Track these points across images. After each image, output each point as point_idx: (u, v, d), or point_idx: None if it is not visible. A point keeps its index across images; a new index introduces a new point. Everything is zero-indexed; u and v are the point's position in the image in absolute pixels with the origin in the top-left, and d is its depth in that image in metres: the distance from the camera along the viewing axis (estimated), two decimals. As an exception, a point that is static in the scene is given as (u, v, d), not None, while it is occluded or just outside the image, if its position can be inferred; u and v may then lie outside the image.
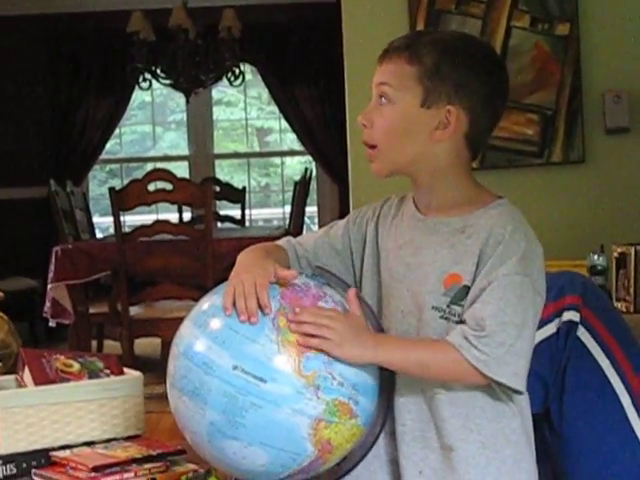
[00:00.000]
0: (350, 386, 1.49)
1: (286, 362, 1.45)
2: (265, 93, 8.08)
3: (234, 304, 1.47)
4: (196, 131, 8.14)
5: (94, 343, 5.47)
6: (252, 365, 1.44)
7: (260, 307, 1.47)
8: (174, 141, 8.46)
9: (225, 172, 8.20)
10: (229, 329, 1.47)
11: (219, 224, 6.44)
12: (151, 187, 4.51)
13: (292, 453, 1.47)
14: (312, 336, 1.45)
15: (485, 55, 1.63)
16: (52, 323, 4.96)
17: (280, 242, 1.72)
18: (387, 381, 1.56)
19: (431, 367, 1.50)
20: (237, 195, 6.95)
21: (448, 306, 1.54)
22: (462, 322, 1.51)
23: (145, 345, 5.47)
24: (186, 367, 1.48)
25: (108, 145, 7.97)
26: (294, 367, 1.44)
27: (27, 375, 1.98)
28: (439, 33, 1.66)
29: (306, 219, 7.18)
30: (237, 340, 1.45)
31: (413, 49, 1.57)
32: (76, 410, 1.93)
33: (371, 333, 1.54)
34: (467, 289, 1.53)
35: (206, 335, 1.48)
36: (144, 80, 6.68)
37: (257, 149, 8.57)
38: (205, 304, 1.56)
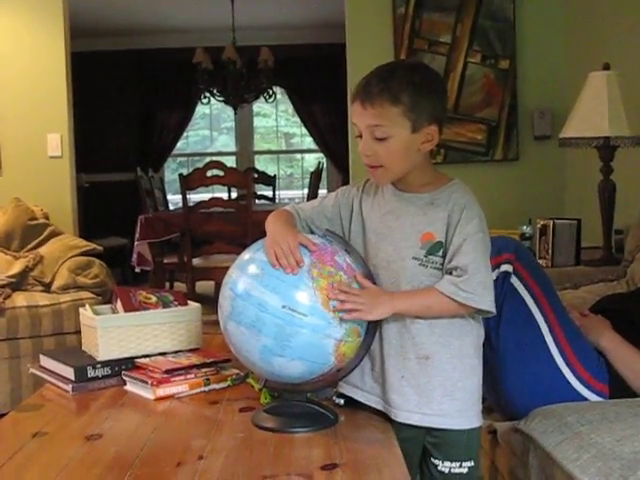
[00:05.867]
0: None
1: (319, 301, 1.43)
2: (291, 108, 8.02)
3: (278, 262, 1.45)
4: (241, 134, 8.10)
5: (167, 284, 5.48)
6: (296, 304, 1.42)
7: (296, 262, 1.45)
8: (225, 141, 8.41)
9: (261, 164, 8.15)
10: (277, 279, 1.44)
11: (257, 201, 6.41)
12: (209, 174, 4.50)
13: (320, 364, 1.46)
14: (350, 310, 1.44)
15: (437, 81, 1.58)
16: (137, 269, 4.97)
17: (288, 207, 1.68)
18: None
19: (432, 308, 1.50)
20: (270, 180, 6.88)
21: (425, 256, 1.52)
22: (447, 273, 1.49)
23: (203, 285, 5.45)
24: (243, 306, 1.45)
25: (178, 144, 7.94)
26: (325, 305, 1.43)
27: (119, 305, 1.98)
28: (400, 69, 1.55)
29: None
30: (284, 287, 1.43)
31: (391, 92, 1.48)
32: (153, 330, 1.93)
33: (386, 293, 1.51)
34: (440, 243, 1.51)
35: (258, 282, 1.44)
36: (204, 97, 6.61)
37: (284, 148, 8.50)
38: (247, 255, 1.53)
